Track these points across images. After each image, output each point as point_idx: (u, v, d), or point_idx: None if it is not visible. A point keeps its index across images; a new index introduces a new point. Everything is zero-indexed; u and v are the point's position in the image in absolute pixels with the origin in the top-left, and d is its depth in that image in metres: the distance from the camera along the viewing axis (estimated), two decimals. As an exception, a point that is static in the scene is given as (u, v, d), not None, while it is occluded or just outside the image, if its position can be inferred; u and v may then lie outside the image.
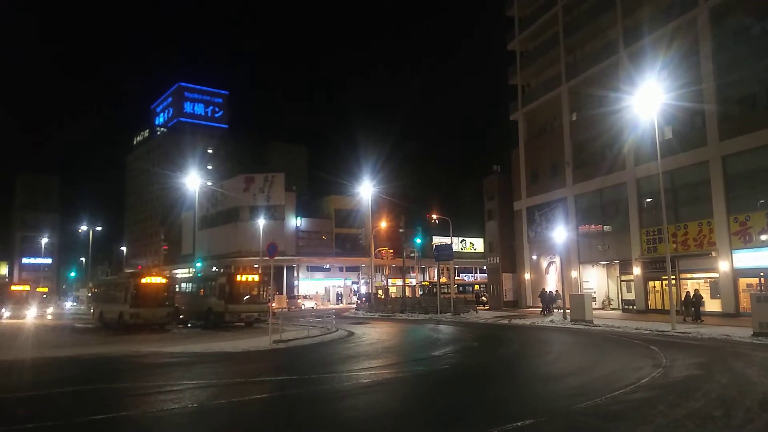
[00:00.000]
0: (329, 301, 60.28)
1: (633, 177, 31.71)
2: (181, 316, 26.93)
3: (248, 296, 25.50)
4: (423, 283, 60.27)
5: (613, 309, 34.44)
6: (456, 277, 59.06)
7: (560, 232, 32.17)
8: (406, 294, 44.61)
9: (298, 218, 61.48)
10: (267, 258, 22.42)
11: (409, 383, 11.10)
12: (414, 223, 50.61)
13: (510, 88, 44.43)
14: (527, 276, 41.36)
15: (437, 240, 51.71)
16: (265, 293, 26.50)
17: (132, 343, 18.10)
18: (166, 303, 24.00)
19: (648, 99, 21.58)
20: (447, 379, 11.45)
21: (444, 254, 37.74)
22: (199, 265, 47.43)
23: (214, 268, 43.00)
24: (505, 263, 43.84)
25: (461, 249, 65.58)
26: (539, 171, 40.65)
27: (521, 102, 42.83)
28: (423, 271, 66.38)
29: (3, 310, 33.58)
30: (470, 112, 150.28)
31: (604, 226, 34.83)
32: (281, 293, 55.36)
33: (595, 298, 33.79)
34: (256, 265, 40.57)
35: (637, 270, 31.52)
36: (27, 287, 38.78)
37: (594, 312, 26.47)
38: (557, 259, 37.60)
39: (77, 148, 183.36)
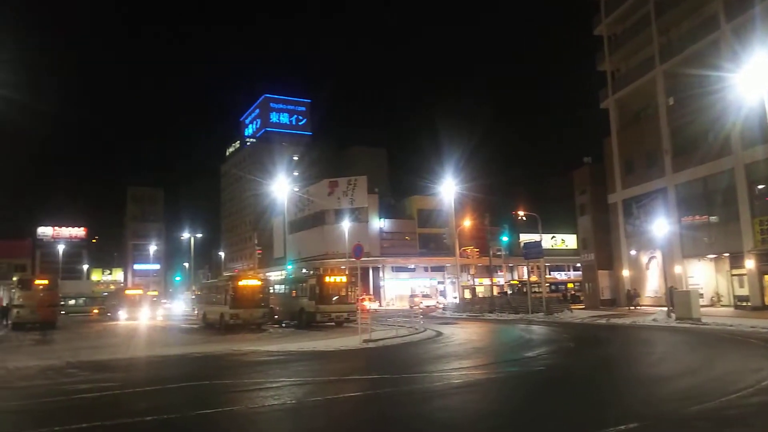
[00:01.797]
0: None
1: (741, 162, 29.08)
2: (276, 317, 28.15)
3: (337, 297, 26.16)
4: (511, 282, 58.65)
5: (723, 306, 31.73)
6: (547, 275, 56.98)
7: (661, 225, 30.04)
8: (495, 293, 43.69)
9: (382, 220, 62.20)
10: (354, 259, 22.91)
11: (503, 384, 10.85)
12: (500, 221, 49.34)
13: (599, 74, 42.28)
14: (626, 272, 39.05)
15: (525, 237, 50.01)
16: (353, 294, 27.06)
17: (233, 342, 19.16)
18: (262, 304, 25.09)
19: (756, 76, 19.57)
20: (542, 380, 11.05)
21: (533, 252, 36.58)
22: (290, 267, 49.37)
23: (303, 270, 44.52)
24: (600, 260, 41.68)
25: (552, 246, 63.09)
26: (635, 160, 38.28)
27: (612, 89, 40.59)
28: (511, 269, 64.73)
29: (120, 312, 36.94)
30: (554, 104, 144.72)
31: (710, 217, 32.14)
32: (368, 294, 56.33)
33: (702, 294, 31.22)
34: (343, 267, 41.55)
35: (750, 263, 28.81)
36: (140, 291, 42.37)
37: (702, 309, 24.53)
38: (658, 254, 35.20)
39: (176, 161, 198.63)
